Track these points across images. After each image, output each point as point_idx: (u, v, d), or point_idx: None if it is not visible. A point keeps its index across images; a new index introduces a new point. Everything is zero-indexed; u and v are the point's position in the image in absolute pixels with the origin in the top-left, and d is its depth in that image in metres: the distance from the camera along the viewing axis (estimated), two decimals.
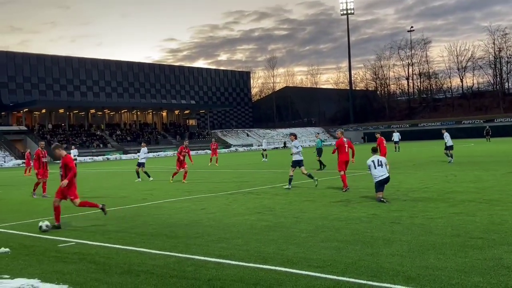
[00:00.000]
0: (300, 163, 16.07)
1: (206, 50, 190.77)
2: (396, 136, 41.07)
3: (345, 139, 15.33)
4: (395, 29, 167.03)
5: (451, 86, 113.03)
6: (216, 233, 8.98)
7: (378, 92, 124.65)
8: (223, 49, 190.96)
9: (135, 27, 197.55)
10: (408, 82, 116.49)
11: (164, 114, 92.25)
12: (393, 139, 40.88)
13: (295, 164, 16.11)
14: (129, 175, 27.03)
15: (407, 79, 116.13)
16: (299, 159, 16.05)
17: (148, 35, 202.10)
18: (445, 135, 25.15)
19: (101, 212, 10.57)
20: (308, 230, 8.79)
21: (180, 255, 7.34)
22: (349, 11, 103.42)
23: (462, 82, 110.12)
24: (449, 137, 24.90)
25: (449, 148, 24.85)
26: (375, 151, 12.74)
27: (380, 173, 12.15)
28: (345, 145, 15.17)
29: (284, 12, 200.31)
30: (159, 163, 43.44)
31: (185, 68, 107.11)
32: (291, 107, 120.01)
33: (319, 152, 25.08)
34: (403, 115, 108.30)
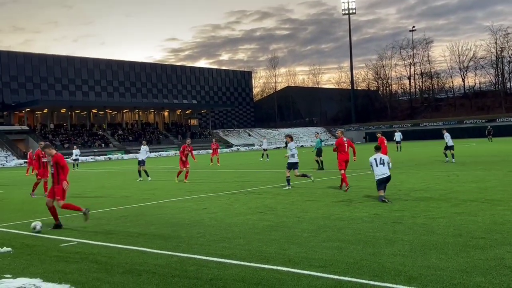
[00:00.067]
0: (295, 165, 16.17)
1: (208, 49, 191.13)
2: (398, 136, 40.98)
3: (345, 139, 15.52)
4: (397, 29, 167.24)
5: (453, 86, 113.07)
6: (218, 232, 8.99)
7: (380, 92, 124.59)
8: (225, 48, 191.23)
9: (137, 27, 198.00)
10: (410, 82, 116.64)
11: (166, 113, 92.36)
12: (395, 139, 40.86)
13: (290, 166, 16.21)
14: (131, 174, 27.07)
15: (409, 78, 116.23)
16: (294, 161, 16.18)
17: (150, 35, 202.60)
18: (445, 135, 25.14)
19: (103, 212, 10.58)
20: (310, 230, 8.79)
21: (182, 254, 7.34)
22: (351, 11, 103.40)
23: (464, 82, 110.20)
24: (449, 137, 24.88)
25: (450, 148, 24.83)
26: (378, 149, 12.79)
27: (381, 172, 12.17)
28: (345, 144, 15.35)
29: (285, 12, 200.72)
30: (161, 162, 43.47)
31: (187, 67, 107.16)
32: (292, 107, 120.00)
33: (318, 151, 24.96)
34: (405, 115, 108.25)
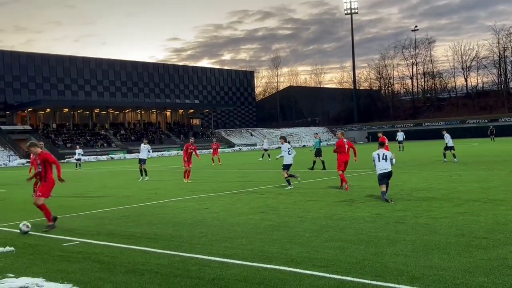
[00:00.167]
0: (289, 167, 16.29)
1: (210, 49, 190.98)
2: (400, 136, 40.94)
3: (345, 140, 15.67)
4: (399, 29, 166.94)
5: (455, 85, 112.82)
6: (220, 232, 8.99)
7: (382, 92, 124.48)
8: (227, 48, 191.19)
9: (139, 27, 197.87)
10: (412, 81, 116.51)
11: (168, 113, 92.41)
12: (397, 138, 40.83)
13: (285, 167, 16.29)
14: (133, 174, 27.09)
15: (411, 78, 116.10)
16: (289, 162, 16.31)
17: (152, 35, 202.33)
18: (445, 135, 25.29)
19: (105, 212, 10.59)
20: (312, 230, 8.78)
21: (184, 254, 7.35)
22: (353, 11, 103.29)
23: (466, 81, 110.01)
24: (449, 138, 25.02)
25: (450, 149, 24.89)
26: (382, 145, 12.89)
27: (383, 167, 12.25)
28: (345, 145, 15.49)
29: (288, 12, 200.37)
30: (163, 162, 43.50)
31: (189, 67, 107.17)
32: (294, 106, 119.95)
33: (317, 152, 24.77)
34: (407, 115, 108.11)
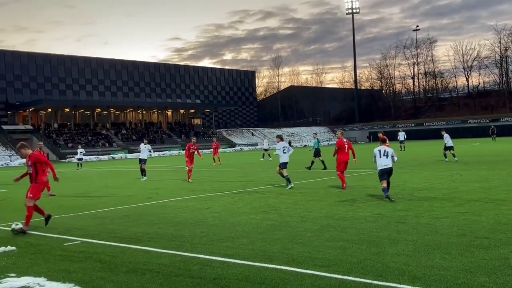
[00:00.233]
0: (285, 165, 16.36)
1: (211, 49, 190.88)
2: (401, 136, 40.94)
3: (345, 140, 15.72)
4: (401, 28, 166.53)
5: (456, 85, 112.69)
6: (221, 232, 9.00)
7: (383, 92, 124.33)
8: (228, 48, 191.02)
9: (141, 27, 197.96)
10: (414, 81, 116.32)
11: (169, 113, 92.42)
12: (398, 138, 40.84)
13: (282, 165, 16.34)
14: (134, 174, 27.11)
15: (413, 78, 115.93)
16: (286, 161, 16.39)
17: (153, 35, 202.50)
18: (444, 136, 25.44)
19: (106, 211, 10.59)
20: (313, 230, 8.78)
21: (186, 254, 7.35)
22: (354, 10, 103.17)
23: (468, 81, 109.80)
24: (449, 138, 25.13)
25: (449, 149, 24.97)
26: (384, 141, 12.82)
27: (384, 163, 12.28)
28: (345, 145, 15.54)
29: (289, 11, 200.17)
30: (164, 162, 43.52)
31: (190, 67, 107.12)
32: (296, 106, 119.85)
33: (317, 152, 24.70)
34: (408, 115, 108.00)
